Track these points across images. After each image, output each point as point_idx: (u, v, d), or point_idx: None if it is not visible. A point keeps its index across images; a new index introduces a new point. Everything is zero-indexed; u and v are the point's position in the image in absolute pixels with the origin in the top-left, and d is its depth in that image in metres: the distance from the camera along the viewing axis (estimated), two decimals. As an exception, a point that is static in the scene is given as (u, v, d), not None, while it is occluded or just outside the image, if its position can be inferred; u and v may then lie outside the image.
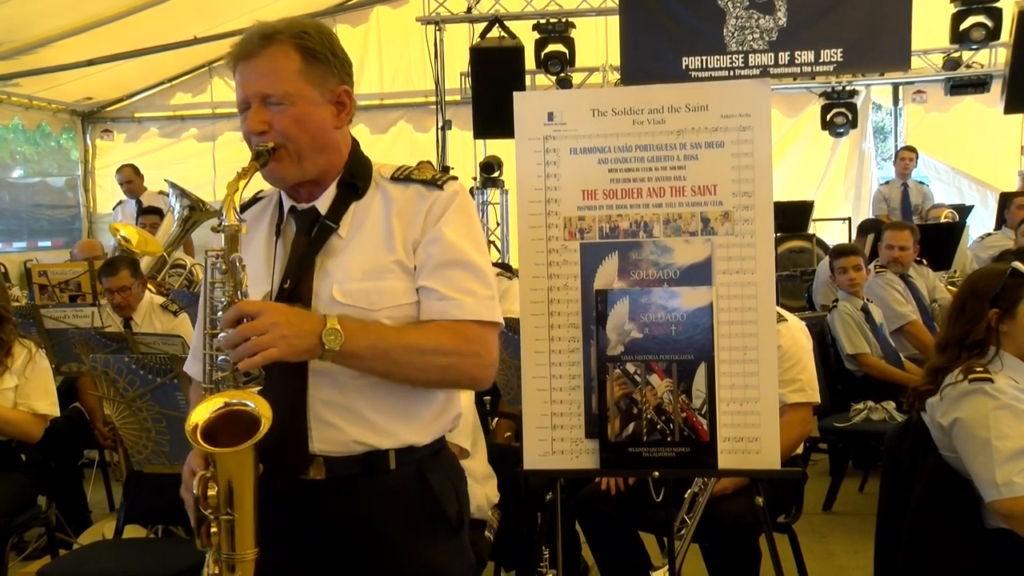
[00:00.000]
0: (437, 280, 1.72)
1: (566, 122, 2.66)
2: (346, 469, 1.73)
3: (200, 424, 1.57)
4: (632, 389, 2.60)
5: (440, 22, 9.52)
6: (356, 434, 1.72)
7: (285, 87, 1.70)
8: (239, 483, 1.60)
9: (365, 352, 1.64)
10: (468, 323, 1.72)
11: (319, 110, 1.74)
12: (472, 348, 1.72)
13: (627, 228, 2.64)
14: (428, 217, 1.74)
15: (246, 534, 1.62)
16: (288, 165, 1.72)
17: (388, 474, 1.75)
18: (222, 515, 1.60)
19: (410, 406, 1.77)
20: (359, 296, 1.70)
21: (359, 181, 1.79)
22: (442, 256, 1.73)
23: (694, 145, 2.61)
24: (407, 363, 1.68)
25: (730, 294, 2.59)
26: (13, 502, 3.61)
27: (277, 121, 1.70)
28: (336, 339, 1.59)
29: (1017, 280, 2.67)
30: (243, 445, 1.55)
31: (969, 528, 2.58)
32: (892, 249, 5.70)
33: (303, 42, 1.73)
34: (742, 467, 2.63)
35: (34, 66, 8.99)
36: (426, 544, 1.78)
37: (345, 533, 1.75)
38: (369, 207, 1.78)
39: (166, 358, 2.87)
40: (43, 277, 6.22)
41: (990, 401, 2.51)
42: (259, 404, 1.57)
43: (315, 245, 1.75)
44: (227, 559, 1.62)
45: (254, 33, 1.74)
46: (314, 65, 1.73)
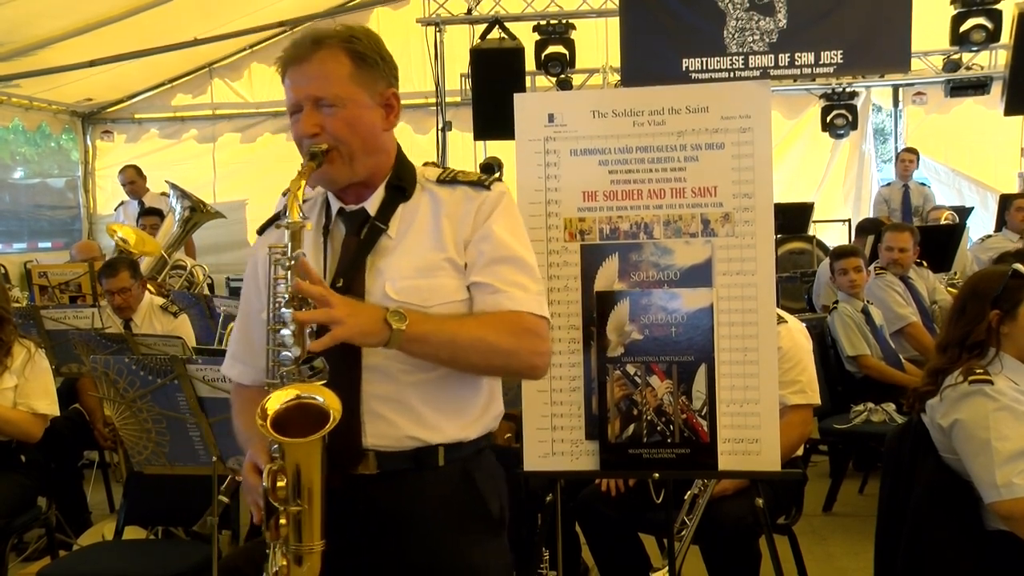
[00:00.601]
0: (489, 275, 1.77)
1: (566, 123, 2.66)
2: (396, 464, 1.76)
3: (271, 415, 1.60)
4: (632, 390, 2.60)
5: (440, 23, 9.52)
6: (408, 428, 1.76)
7: (336, 90, 1.74)
8: (308, 474, 1.63)
9: (430, 335, 1.68)
10: (521, 313, 1.77)
11: (369, 112, 1.78)
12: (529, 336, 1.77)
13: (627, 229, 2.64)
14: (477, 216, 1.79)
15: (314, 525, 1.64)
16: (340, 167, 1.76)
17: (436, 471, 1.79)
18: (291, 506, 1.62)
19: (458, 402, 1.81)
20: (411, 293, 1.74)
21: (406, 184, 1.84)
22: (493, 253, 1.77)
23: (694, 146, 2.61)
24: (470, 348, 1.72)
25: (730, 295, 2.59)
26: (13, 503, 3.61)
27: (329, 124, 1.74)
28: (401, 320, 1.63)
29: (1018, 282, 2.67)
30: (314, 436, 1.58)
31: (969, 530, 2.58)
32: (892, 251, 5.70)
33: (353, 46, 1.77)
34: (742, 468, 2.63)
35: (34, 67, 8.99)
36: (469, 542, 1.82)
37: (392, 528, 1.78)
38: (417, 208, 1.82)
39: (166, 359, 2.86)
40: (43, 278, 6.23)
41: (990, 403, 2.51)
42: (327, 397, 1.61)
43: (366, 245, 1.79)
44: (295, 551, 1.64)
45: (305, 38, 1.78)
46: (364, 68, 1.78)
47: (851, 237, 9.25)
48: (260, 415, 1.60)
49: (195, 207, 7.69)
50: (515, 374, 1.88)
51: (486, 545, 1.84)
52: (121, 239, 6.84)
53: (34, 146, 11.69)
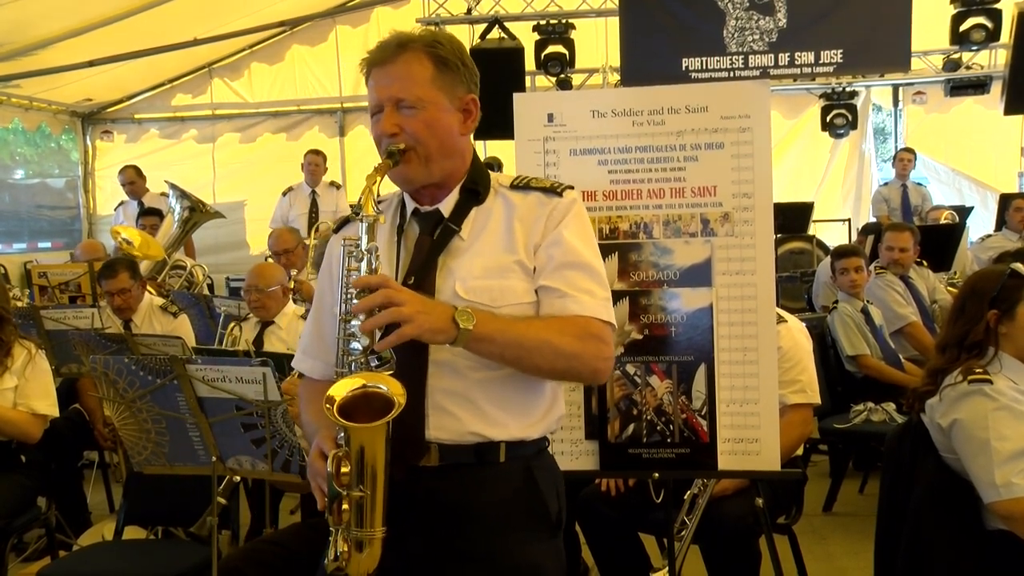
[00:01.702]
0: (558, 280, 1.81)
1: (566, 123, 2.66)
2: (458, 457, 1.79)
3: (337, 401, 1.63)
4: (632, 390, 2.60)
5: (440, 23, 9.50)
6: (472, 424, 1.79)
7: (418, 92, 1.79)
8: (372, 460, 1.66)
9: (497, 336, 1.71)
10: (588, 318, 1.80)
11: (448, 116, 1.83)
12: (594, 341, 1.80)
13: (627, 229, 2.64)
14: (549, 221, 1.83)
15: (376, 512, 1.68)
16: (416, 167, 1.81)
17: (498, 466, 1.82)
18: (354, 492, 1.66)
19: (523, 401, 1.84)
20: (481, 292, 1.78)
21: (480, 187, 1.88)
22: (563, 258, 1.81)
23: (694, 146, 2.61)
24: (536, 350, 1.75)
25: (730, 295, 2.59)
26: (13, 503, 3.61)
27: (408, 124, 1.79)
28: (469, 319, 1.66)
29: (1016, 281, 2.67)
30: (380, 421, 1.62)
31: (969, 529, 2.58)
32: (892, 251, 5.70)
33: (436, 51, 1.83)
34: (742, 468, 2.63)
35: (34, 67, 8.99)
36: (528, 540, 1.84)
37: (451, 520, 1.80)
38: (490, 212, 1.86)
39: (166, 359, 2.86)
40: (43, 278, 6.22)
41: (989, 402, 2.51)
42: (392, 386, 1.64)
43: (438, 245, 1.83)
44: (356, 536, 1.68)
45: (390, 41, 1.83)
46: (445, 73, 1.83)
47: (851, 237, 9.26)
48: (327, 401, 1.63)
49: (194, 207, 7.69)
50: (578, 378, 1.90)
51: (543, 544, 1.87)
52: (125, 240, 6.82)
53: (34, 146, 11.69)
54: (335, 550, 1.69)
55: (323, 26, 10.50)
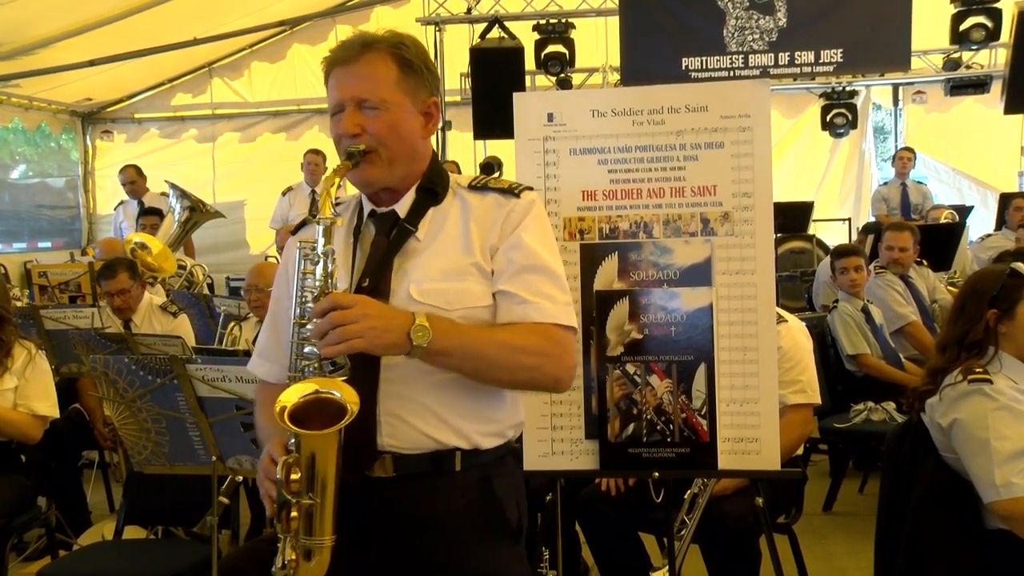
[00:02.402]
0: (517, 284, 1.77)
1: (566, 123, 2.66)
2: (414, 467, 1.76)
3: (288, 407, 1.61)
4: (632, 390, 2.60)
5: (440, 23, 9.52)
6: (425, 429, 1.75)
7: (382, 94, 1.76)
8: (323, 468, 1.62)
9: (454, 350, 1.68)
10: (549, 325, 1.76)
11: (411, 119, 1.81)
12: (556, 349, 1.76)
13: (627, 229, 2.64)
14: (506, 224, 1.79)
15: (326, 520, 1.65)
16: (378, 169, 1.79)
17: (453, 476, 1.78)
18: (304, 499, 1.63)
19: (479, 407, 1.80)
20: (436, 296, 1.74)
21: (438, 188, 1.85)
22: (523, 261, 1.77)
23: (694, 146, 2.61)
24: (495, 362, 1.71)
25: (730, 295, 2.59)
26: (13, 503, 3.61)
27: (371, 125, 1.76)
28: (424, 336, 1.62)
29: (1016, 281, 2.66)
30: (331, 428, 1.59)
31: (969, 529, 2.58)
32: (892, 250, 5.70)
33: (400, 52, 1.80)
34: (742, 468, 2.63)
35: (34, 67, 8.99)
36: (486, 549, 1.81)
37: (408, 532, 1.77)
38: (447, 213, 1.83)
39: (166, 359, 2.86)
40: (43, 278, 6.23)
41: (989, 402, 2.51)
42: (346, 393, 1.61)
43: (394, 246, 1.80)
44: (305, 544, 1.65)
45: (354, 40, 1.81)
46: (409, 75, 1.80)
47: (851, 236, 9.26)
48: (278, 407, 1.61)
49: (194, 207, 7.70)
50: (539, 388, 1.86)
51: (503, 551, 1.83)
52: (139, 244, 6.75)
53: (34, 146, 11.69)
54: (283, 558, 1.66)
55: (323, 26, 10.50)
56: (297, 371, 1.67)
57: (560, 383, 1.82)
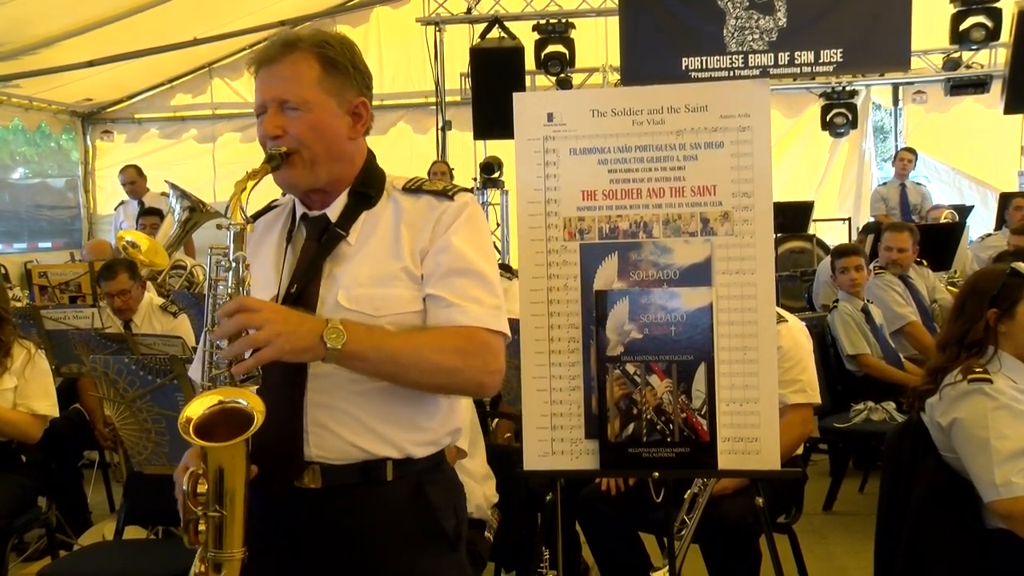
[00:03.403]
0: (444, 288, 1.72)
1: (566, 123, 2.66)
2: (343, 478, 1.72)
3: (194, 419, 1.56)
4: (632, 390, 2.60)
5: (440, 23, 9.52)
6: (354, 439, 1.71)
7: (303, 94, 1.72)
8: (230, 480, 1.59)
9: (369, 353, 1.63)
10: (474, 328, 1.71)
11: (335, 120, 1.76)
12: (478, 353, 1.71)
13: (627, 229, 2.64)
14: (437, 227, 1.75)
15: (235, 533, 1.60)
16: (300, 171, 1.74)
17: (385, 485, 1.74)
18: (211, 512, 1.59)
19: (410, 415, 1.76)
20: (364, 302, 1.70)
21: (371, 191, 1.80)
22: (450, 264, 1.73)
23: (694, 145, 2.61)
24: (412, 365, 1.67)
25: (730, 294, 2.59)
26: (13, 503, 3.61)
27: (292, 127, 1.72)
28: (338, 337, 1.58)
29: (1017, 280, 2.67)
30: (235, 440, 1.54)
31: (969, 528, 2.58)
32: (891, 251, 5.70)
33: (324, 51, 1.75)
34: (742, 467, 2.63)
35: (34, 67, 8.99)
36: (422, 559, 1.77)
37: (340, 544, 1.74)
38: (380, 216, 1.79)
39: (166, 359, 2.87)
40: (43, 278, 6.23)
41: (989, 401, 2.51)
42: (252, 401, 1.56)
43: (324, 251, 1.76)
44: (213, 557, 1.61)
45: (277, 40, 1.77)
46: (333, 75, 1.75)
47: (851, 236, 9.27)
48: (183, 419, 1.56)
49: (195, 207, 7.68)
50: (462, 392, 1.82)
51: (440, 559, 1.80)
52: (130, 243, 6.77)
53: (34, 146, 11.69)
54: (194, 571, 1.63)
55: (323, 26, 10.39)
56: (208, 380, 1.63)
57: (483, 388, 1.77)
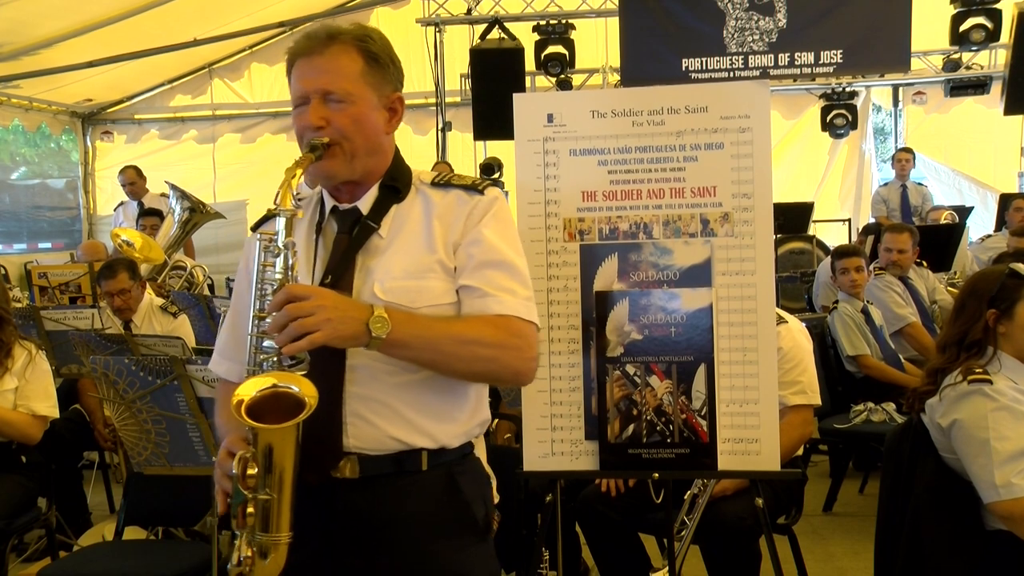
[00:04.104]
0: (478, 279, 1.76)
1: (566, 123, 2.66)
2: (379, 468, 1.74)
3: (245, 401, 1.58)
4: (632, 390, 2.60)
5: (440, 23, 9.52)
6: (391, 431, 1.74)
7: (347, 86, 1.74)
8: (280, 463, 1.60)
9: (412, 340, 1.66)
10: (510, 317, 1.74)
11: (375, 113, 1.79)
12: (514, 341, 1.74)
13: (627, 229, 2.64)
14: (469, 220, 1.78)
15: (284, 516, 1.62)
16: (340, 162, 1.76)
17: (419, 475, 1.77)
18: (261, 495, 1.60)
19: (444, 406, 1.79)
20: (400, 293, 1.72)
21: (400, 185, 1.83)
22: (483, 256, 1.76)
23: (694, 146, 2.61)
24: (453, 353, 1.70)
25: (730, 295, 2.59)
26: (13, 504, 3.61)
27: (335, 118, 1.74)
28: (383, 326, 1.61)
29: (1015, 281, 2.67)
30: (289, 423, 1.56)
31: (969, 530, 2.58)
32: (891, 252, 5.70)
33: (366, 45, 1.78)
34: (742, 468, 2.63)
35: (34, 68, 9.00)
36: (453, 548, 1.79)
37: (374, 532, 1.76)
38: (410, 210, 1.81)
39: (166, 360, 2.86)
40: (43, 279, 6.22)
41: (989, 402, 2.51)
42: (304, 387, 1.59)
43: (356, 244, 1.78)
44: (261, 541, 1.62)
45: (319, 31, 1.78)
46: (375, 69, 1.78)
47: (851, 237, 9.27)
48: (235, 400, 1.58)
49: (195, 208, 7.69)
50: (499, 380, 1.85)
51: (470, 551, 1.82)
52: (125, 242, 6.80)
53: (34, 147, 11.70)
54: (239, 555, 1.63)
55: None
56: (255, 365, 1.65)
57: (520, 376, 1.79)
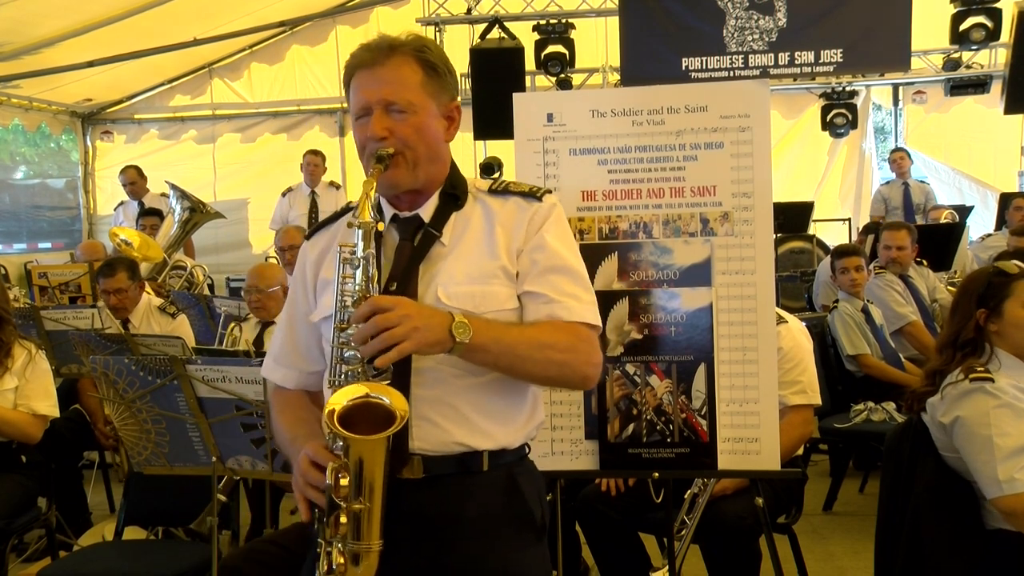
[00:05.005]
0: (543, 285, 1.79)
1: (566, 123, 2.66)
2: (442, 469, 1.77)
3: (337, 411, 1.60)
4: (632, 390, 2.60)
5: (440, 23, 9.52)
6: (456, 433, 1.77)
7: (409, 96, 1.78)
8: (371, 472, 1.63)
9: (492, 345, 1.69)
10: (576, 324, 1.78)
11: (435, 122, 1.84)
12: (584, 346, 1.79)
13: (627, 229, 2.64)
14: (530, 226, 1.81)
15: (374, 524, 1.65)
16: (404, 171, 1.79)
17: (481, 475, 1.80)
18: (353, 504, 1.62)
19: (506, 408, 1.82)
20: (464, 299, 1.75)
21: (459, 193, 1.87)
22: (547, 262, 1.80)
23: (693, 146, 2.61)
24: (528, 357, 1.73)
25: (730, 295, 2.59)
26: (13, 504, 3.61)
27: (399, 128, 1.77)
28: (465, 332, 1.64)
29: (1002, 279, 2.68)
30: (382, 434, 1.59)
31: (969, 529, 2.58)
32: (890, 249, 5.70)
33: (424, 55, 1.82)
34: (742, 468, 2.63)
35: (34, 67, 8.99)
36: (513, 548, 1.82)
37: (437, 532, 1.78)
38: (470, 217, 1.85)
39: (166, 359, 2.86)
40: (43, 279, 6.23)
41: (991, 400, 2.51)
42: (395, 399, 1.62)
43: (420, 251, 1.81)
44: (353, 549, 1.64)
45: (380, 43, 1.81)
46: (434, 78, 1.83)
47: (851, 236, 9.26)
48: (327, 411, 1.61)
49: (195, 208, 7.70)
50: (567, 384, 1.90)
51: (529, 551, 1.85)
52: (124, 241, 6.81)
53: (34, 146, 11.69)
54: (328, 563, 1.66)
55: (323, 26, 10.49)
56: (338, 375, 1.68)
57: (588, 380, 1.84)
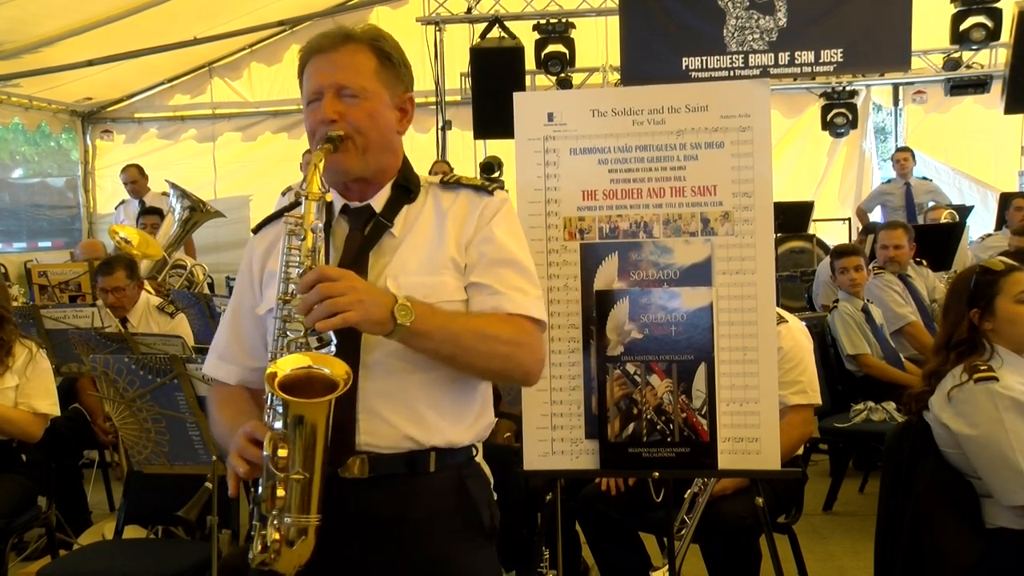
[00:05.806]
0: (489, 277, 1.78)
1: (566, 122, 2.66)
2: (389, 468, 1.75)
3: (279, 376, 1.58)
4: (632, 389, 2.60)
5: (440, 22, 9.52)
6: (406, 428, 1.74)
7: (362, 82, 1.78)
8: (313, 442, 1.59)
9: (434, 331, 1.68)
10: (522, 317, 1.78)
11: (388, 111, 1.83)
12: (527, 340, 1.78)
13: (627, 228, 2.64)
14: (480, 219, 1.81)
15: (314, 497, 1.61)
16: (353, 156, 1.78)
17: (429, 476, 1.77)
18: (292, 475, 1.58)
19: (455, 406, 1.80)
20: (414, 289, 1.73)
21: (411, 186, 1.86)
22: (494, 255, 1.79)
23: (694, 145, 2.61)
24: (472, 347, 1.72)
25: (730, 294, 2.59)
26: (13, 503, 3.61)
27: (350, 113, 1.76)
28: (407, 315, 1.63)
29: (988, 277, 2.68)
30: (325, 397, 1.57)
31: (969, 528, 2.58)
32: (887, 249, 5.70)
33: (379, 44, 1.82)
34: (742, 467, 2.63)
35: (34, 66, 8.99)
36: (461, 550, 1.80)
37: (385, 533, 1.76)
38: (421, 209, 1.84)
39: (166, 358, 2.87)
40: (43, 277, 6.23)
41: (1000, 402, 2.51)
42: (336, 368, 1.59)
43: (369, 241, 1.80)
44: (292, 523, 1.59)
45: (334, 31, 1.82)
46: (388, 68, 1.83)
47: (851, 236, 9.26)
48: (268, 376, 1.59)
49: (195, 207, 7.69)
50: (510, 378, 1.85)
51: (477, 553, 1.83)
52: (123, 239, 6.81)
53: (34, 145, 11.70)
54: (263, 541, 1.60)
55: (323, 26, 10.35)
56: (280, 349, 1.65)
57: (530, 375, 1.82)
